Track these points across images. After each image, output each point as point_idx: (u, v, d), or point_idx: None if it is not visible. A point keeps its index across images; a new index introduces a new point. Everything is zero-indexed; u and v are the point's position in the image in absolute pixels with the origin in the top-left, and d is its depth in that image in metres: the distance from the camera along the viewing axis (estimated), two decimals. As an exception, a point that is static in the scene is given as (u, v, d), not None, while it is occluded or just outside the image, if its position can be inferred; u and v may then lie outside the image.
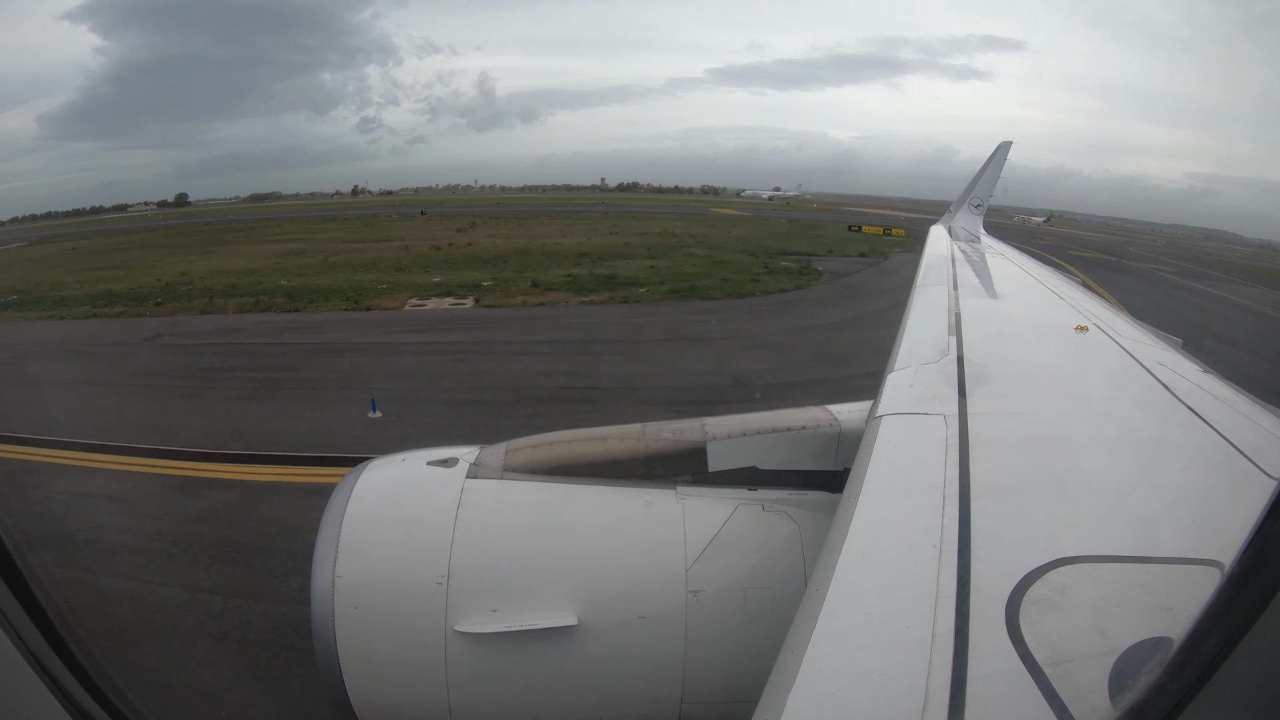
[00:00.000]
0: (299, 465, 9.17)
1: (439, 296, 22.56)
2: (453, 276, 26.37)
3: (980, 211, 10.12)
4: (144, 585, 6.60)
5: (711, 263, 30.47)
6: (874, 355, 4.17)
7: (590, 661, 2.08)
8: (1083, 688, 1.15)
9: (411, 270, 28.59)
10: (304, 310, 21.07)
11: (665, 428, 2.55)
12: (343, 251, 36.23)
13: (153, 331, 18.58)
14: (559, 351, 15.77)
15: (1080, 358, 3.26)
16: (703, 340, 16.77)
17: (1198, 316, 22.56)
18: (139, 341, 17.69)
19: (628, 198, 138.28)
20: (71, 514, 7.94)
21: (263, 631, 5.87)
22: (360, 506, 2.23)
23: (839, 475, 2.30)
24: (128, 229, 68.21)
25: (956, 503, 1.69)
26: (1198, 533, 1.68)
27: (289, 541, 7.01)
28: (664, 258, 32.09)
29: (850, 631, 1.33)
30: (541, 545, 2.20)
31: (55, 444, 9.87)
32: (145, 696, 4.33)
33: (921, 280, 5.16)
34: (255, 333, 18.44)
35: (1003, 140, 10.77)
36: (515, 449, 2.46)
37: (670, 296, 22.46)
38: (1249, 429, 2.24)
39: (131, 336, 18.26)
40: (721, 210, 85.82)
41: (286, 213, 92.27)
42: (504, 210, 77.97)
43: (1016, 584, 1.39)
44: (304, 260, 33.17)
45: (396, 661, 2.09)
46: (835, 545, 1.56)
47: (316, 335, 17.95)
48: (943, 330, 3.45)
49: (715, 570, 2.15)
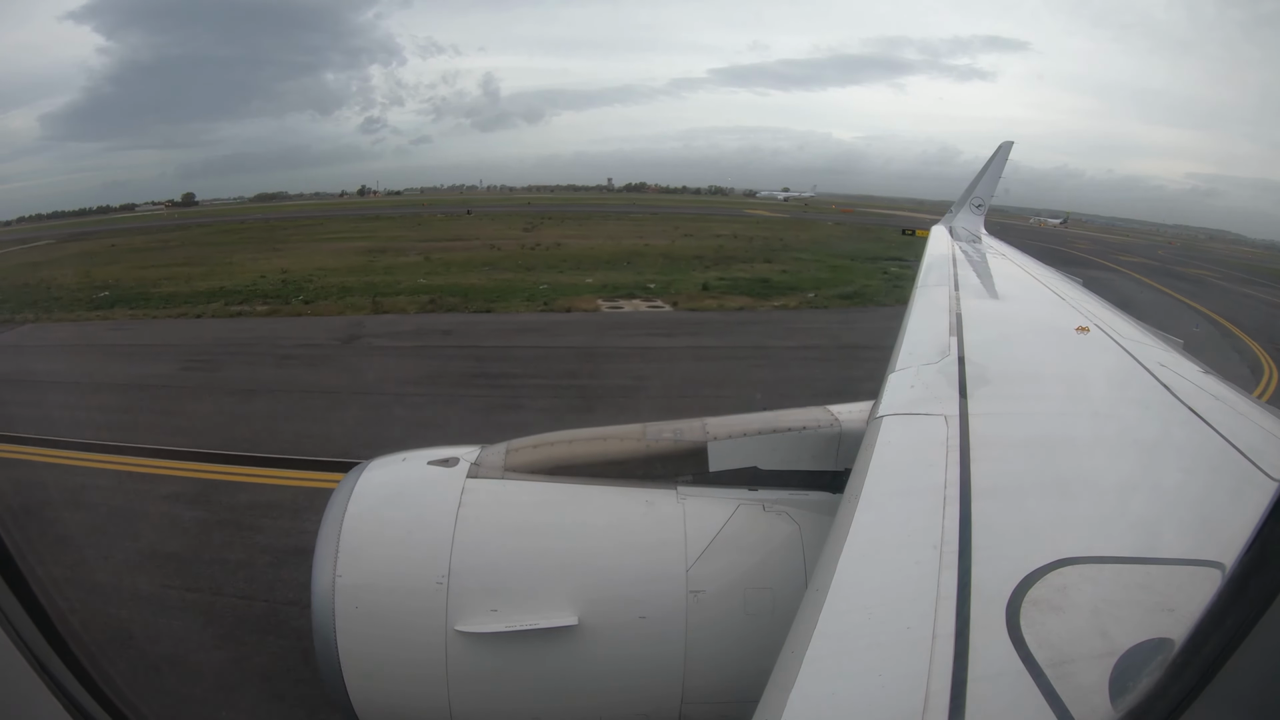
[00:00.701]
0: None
1: (623, 299, 21.84)
2: (601, 278, 25.81)
3: (981, 212, 10.12)
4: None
5: (830, 267, 30.00)
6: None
7: (591, 662, 2.08)
8: (1083, 689, 1.14)
9: (539, 270, 28.08)
10: (496, 311, 19.97)
11: (666, 428, 2.55)
12: (434, 250, 35.71)
13: (346, 332, 17.48)
14: (836, 357, 14.88)
15: (1081, 358, 3.26)
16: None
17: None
18: (342, 343, 16.61)
19: (654, 199, 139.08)
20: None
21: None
22: (361, 506, 2.23)
23: (840, 476, 2.29)
24: (151, 228, 67.66)
25: (957, 503, 1.69)
26: (1199, 534, 1.68)
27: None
28: (777, 261, 31.87)
29: (851, 632, 1.32)
30: (542, 545, 2.20)
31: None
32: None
33: (922, 281, 5.16)
34: (480, 334, 17.34)
35: (1005, 140, 10.78)
36: (516, 449, 2.46)
37: (847, 302, 21.98)
38: (1250, 430, 2.24)
39: (322, 337, 17.17)
40: (756, 212, 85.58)
41: (309, 211, 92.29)
42: (538, 210, 77.84)
43: (1017, 585, 1.39)
44: (400, 259, 32.56)
45: (397, 661, 2.09)
46: (836, 546, 1.56)
47: (557, 338, 16.95)
48: (944, 331, 3.45)
49: (716, 570, 2.14)
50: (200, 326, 19.56)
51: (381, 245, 39.84)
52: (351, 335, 17.24)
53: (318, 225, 61.70)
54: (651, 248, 37.07)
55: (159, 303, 23.01)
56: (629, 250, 35.45)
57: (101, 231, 64.48)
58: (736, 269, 28.86)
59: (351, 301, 21.79)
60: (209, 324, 19.74)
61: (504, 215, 66.95)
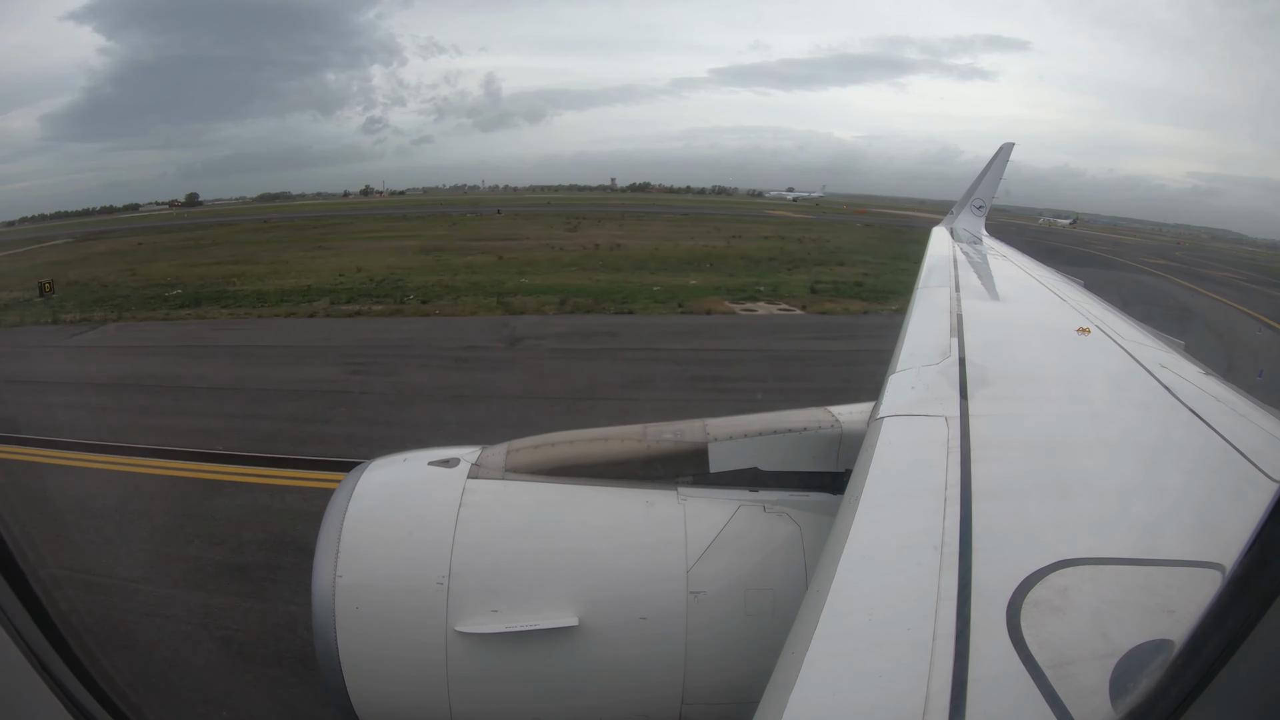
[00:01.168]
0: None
1: (748, 301, 21.65)
2: (701, 280, 25.71)
3: (982, 213, 10.12)
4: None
5: (905, 271, 29.21)
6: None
7: (591, 662, 2.08)
8: (1084, 690, 1.14)
9: (628, 271, 27.96)
10: (635, 313, 19.69)
11: (666, 428, 2.55)
12: (490, 249, 35.56)
13: (500, 334, 16.96)
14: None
15: (1082, 360, 3.26)
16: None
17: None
18: (509, 345, 16.06)
19: (660, 198, 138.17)
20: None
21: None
22: (361, 506, 2.23)
23: (840, 477, 2.29)
24: (167, 226, 67.74)
25: (958, 504, 1.69)
26: (1199, 535, 1.68)
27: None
28: (846, 264, 31.74)
29: (851, 633, 1.32)
30: (543, 546, 2.20)
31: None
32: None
33: (923, 282, 5.16)
34: (647, 336, 16.75)
35: (1006, 141, 10.78)
36: (516, 449, 2.46)
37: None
38: (1251, 431, 2.23)
39: (480, 339, 16.69)
40: (778, 213, 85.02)
41: (323, 211, 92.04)
42: (560, 210, 77.47)
43: (1018, 586, 1.39)
44: (471, 259, 32.40)
45: (397, 662, 2.09)
46: (836, 547, 1.56)
47: (729, 340, 16.52)
48: (944, 332, 3.45)
49: (716, 571, 2.14)
50: (325, 327, 19.02)
51: (433, 244, 39.87)
52: (512, 337, 16.75)
53: (346, 224, 61.51)
54: (713, 249, 37.14)
55: (247, 301, 22.74)
56: (696, 251, 35.44)
57: (117, 230, 64.59)
58: (817, 271, 28.75)
59: (472, 302, 21.39)
60: (333, 324, 19.26)
61: (533, 215, 66.45)
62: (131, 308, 22.55)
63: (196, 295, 24.10)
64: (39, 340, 18.41)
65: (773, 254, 35.15)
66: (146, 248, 44.60)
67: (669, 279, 25.80)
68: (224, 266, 31.92)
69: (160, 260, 35.91)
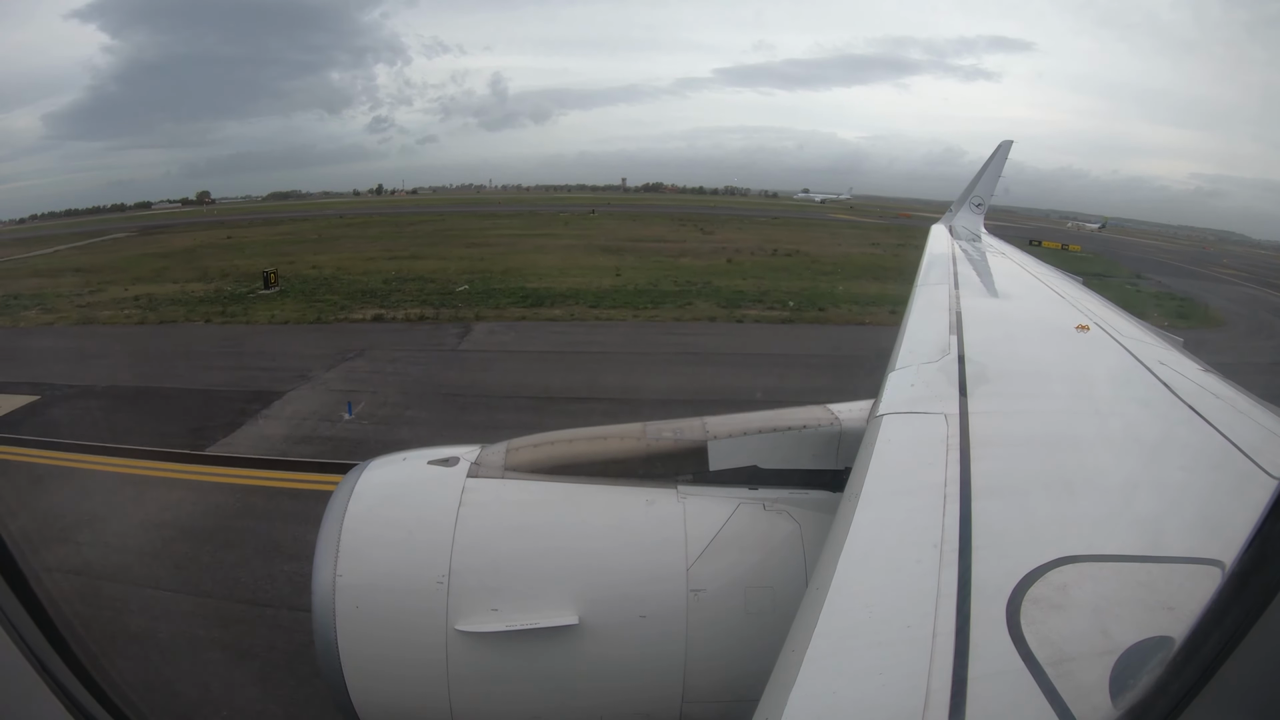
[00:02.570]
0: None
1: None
2: (895, 289, 24.86)
3: (981, 211, 10.11)
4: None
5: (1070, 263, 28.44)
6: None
7: (591, 660, 2.08)
8: (1084, 687, 1.14)
9: (857, 278, 27.62)
10: (868, 323, 19.26)
11: (666, 427, 2.55)
12: (676, 253, 35.18)
13: (834, 343, 16.78)
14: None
15: (1081, 357, 3.26)
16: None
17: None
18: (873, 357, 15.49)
19: (676, 199, 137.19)
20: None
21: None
22: (361, 506, 2.23)
23: (840, 474, 2.29)
24: (213, 223, 66.43)
25: (957, 502, 1.69)
26: (1199, 532, 1.68)
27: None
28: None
29: (851, 631, 1.32)
30: (542, 544, 2.19)
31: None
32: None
33: (922, 279, 5.16)
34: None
35: (1004, 140, 10.76)
36: (516, 448, 2.46)
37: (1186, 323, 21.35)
38: (1250, 428, 2.24)
39: (827, 348, 16.48)
40: (838, 216, 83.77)
41: (367, 209, 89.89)
42: (621, 209, 76.69)
43: (1017, 583, 1.39)
44: (690, 261, 31.87)
45: (398, 661, 2.09)
46: (836, 544, 1.56)
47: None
48: (944, 329, 3.45)
49: (716, 569, 2.14)
50: (793, 334, 18.43)
51: (609, 244, 39.29)
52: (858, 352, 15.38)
53: (450, 222, 59.83)
54: (851, 256, 36.68)
55: (564, 301, 22.18)
56: (868, 259, 34.76)
57: (172, 226, 63.55)
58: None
59: (700, 308, 21.14)
60: (798, 331, 18.78)
61: (623, 216, 65.49)
62: (433, 304, 21.86)
63: (478, 292, 23.52)
64: (464, 344, 17.61)
65: (909, 264, 34.46)
66: (240, 241, 44.36)
67: (872, 288, 25.10)
68: (402, 261, 31.54)
69: (300, 253, 34.85)
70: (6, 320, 21.59)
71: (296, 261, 32.37)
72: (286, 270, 28.53)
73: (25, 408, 12.56)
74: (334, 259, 33.18)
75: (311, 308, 22.14)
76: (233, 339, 18.58)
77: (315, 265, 31.35)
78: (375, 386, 13.61)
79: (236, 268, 30.58)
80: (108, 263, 35.27)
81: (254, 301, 23.45)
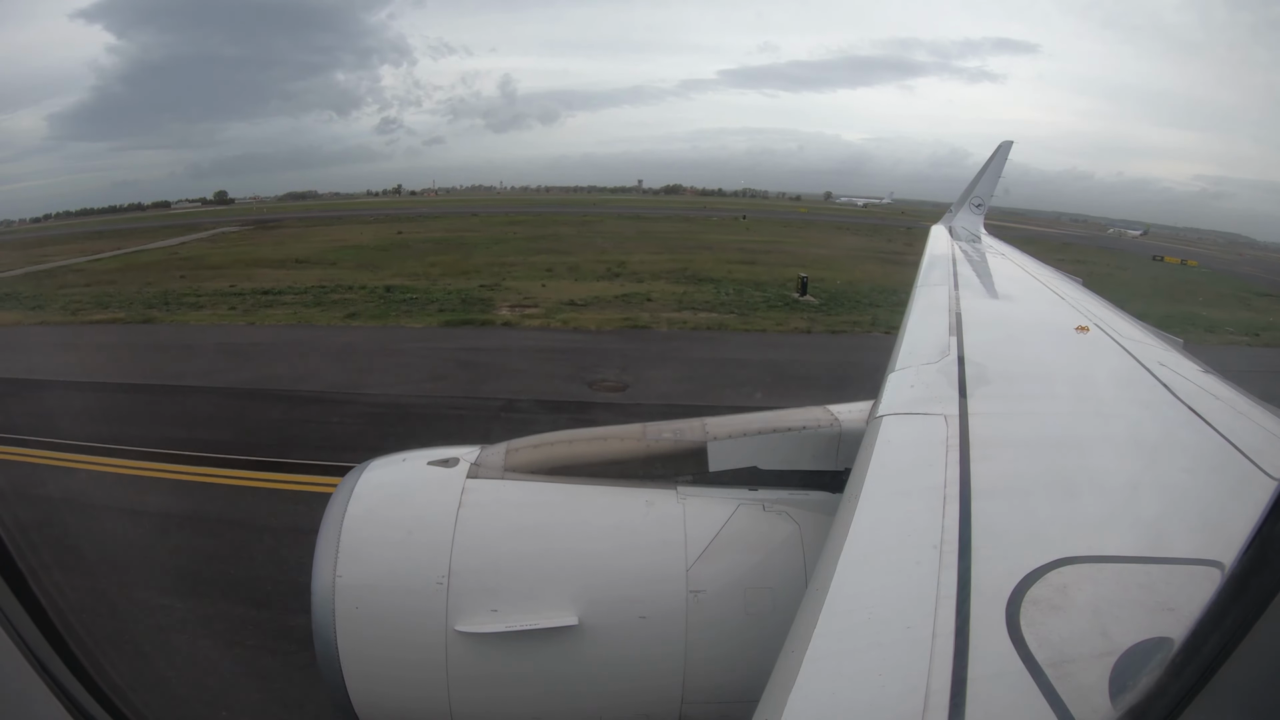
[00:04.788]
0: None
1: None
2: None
3: (981, 211, 10.12)
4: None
5: (1199, 303, 27.22)
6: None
7: (591, 662, 2.08)
8: (1083, 688, 1.14)
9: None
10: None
11: (666, 427, 2.55)
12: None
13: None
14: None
15: (1081, 358, 3.26)
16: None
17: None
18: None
19: (698, 200, 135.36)
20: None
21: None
22: (361, 506, 2.23)
23: (840, 475, 2.29)
24: (275, 221, 65.32)
25: (957, 503, 1.69)
26: (1199, 533, 1.68)
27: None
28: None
29: (851, 632, 1.32)
30: (542, 545, 2.19)
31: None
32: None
33: (922, 280, 5.16)
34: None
35: (1005, 140, 10.76)
36: (516, 449, 2.46)
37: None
38: (1250, 429, 2.24)
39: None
40: (904, 219, 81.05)
41: (422, 209, 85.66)
42: (678, 214, 75.14)
43: (1017, 584, 1.39)
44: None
45: (397, 662, 2.09)
46: (836, 545, 1.56)
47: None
48: (943, 330, 3.45)
49: (716, 570, 2.14)
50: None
51: (752, 242, 38.58)
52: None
53: (513, 224, 57.57)
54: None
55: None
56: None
57: (278, 222, 62.61)
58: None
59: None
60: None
61: (760, 222, 64.27)
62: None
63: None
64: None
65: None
66: (447, 238, 43.26)
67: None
68: (728, 264, 30.19)
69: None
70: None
71: (636, 263, 30.09)
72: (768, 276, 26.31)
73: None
74: (642, 259, 31.08)
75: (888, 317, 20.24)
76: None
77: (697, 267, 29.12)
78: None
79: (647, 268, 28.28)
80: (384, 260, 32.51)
81: (819, 312, 20.70)
